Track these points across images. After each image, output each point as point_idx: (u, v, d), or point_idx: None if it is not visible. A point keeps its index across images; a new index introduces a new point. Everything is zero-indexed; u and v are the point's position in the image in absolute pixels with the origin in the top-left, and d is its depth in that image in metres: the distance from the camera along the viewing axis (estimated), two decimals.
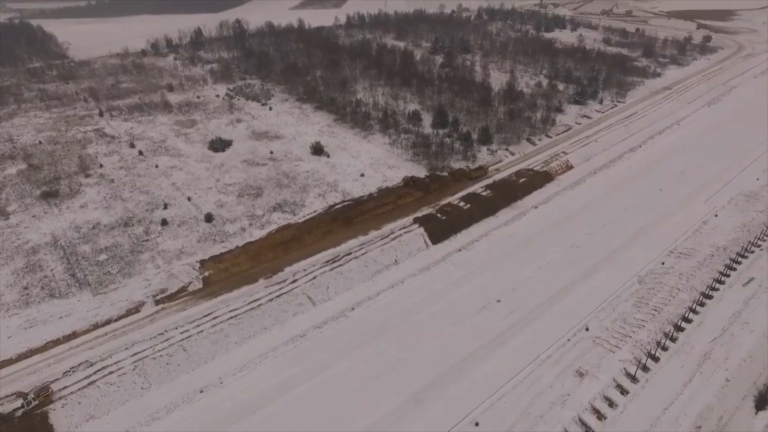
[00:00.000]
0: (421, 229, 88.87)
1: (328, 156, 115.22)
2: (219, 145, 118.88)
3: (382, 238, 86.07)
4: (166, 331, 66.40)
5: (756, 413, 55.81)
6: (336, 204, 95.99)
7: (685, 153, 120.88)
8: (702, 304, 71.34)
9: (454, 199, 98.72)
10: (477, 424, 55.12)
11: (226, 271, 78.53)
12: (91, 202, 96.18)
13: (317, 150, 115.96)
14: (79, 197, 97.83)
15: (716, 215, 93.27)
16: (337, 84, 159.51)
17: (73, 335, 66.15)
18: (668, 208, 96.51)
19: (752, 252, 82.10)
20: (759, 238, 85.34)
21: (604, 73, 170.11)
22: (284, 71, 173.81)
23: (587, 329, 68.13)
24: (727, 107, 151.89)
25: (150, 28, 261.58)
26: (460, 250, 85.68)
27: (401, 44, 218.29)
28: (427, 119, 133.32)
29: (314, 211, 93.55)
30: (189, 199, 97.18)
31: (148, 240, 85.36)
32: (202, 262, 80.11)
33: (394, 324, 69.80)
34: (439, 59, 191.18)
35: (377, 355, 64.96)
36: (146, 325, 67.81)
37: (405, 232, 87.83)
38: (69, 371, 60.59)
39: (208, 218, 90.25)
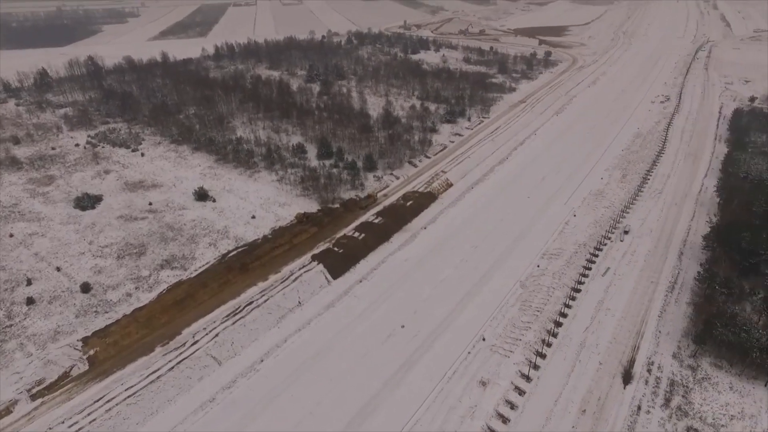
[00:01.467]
0: (321, 266, 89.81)
1: (214, 201, 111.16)
2: (87, 202, 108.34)
3: (282, 281, 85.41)
4: (50, 429, 59.08)
5: (624, 388, 65.54)
6: (229, 252, 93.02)
7: (544, 160, 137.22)
8: (573, 299, 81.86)
9: (348, 230, 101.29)
10: None
11: (116, 345, 72.05)
12: None
13: (201, 195, 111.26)
14: None
15: (574, 215, 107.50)
16: (213, 121, 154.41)
17: None
18: (536, 213, 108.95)
19: (605, 245, 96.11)
20: (609, 231, 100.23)
21: (469, 91, 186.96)
22: (153, 111, 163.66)
23: (484, 339, 74.36)
24: (571, 114, 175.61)
25: None
26: (360, 281, 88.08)
27: (276, 74, 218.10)
28: (311, 151, 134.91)
29: (207, 263, 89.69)
30: (58, 269, 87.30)
31: (11, 325, 75.03)
32: (85, 340, 72.55)
33: (306, 369, 69.63)
34: (316, 87, 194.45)
35: (294, 404, 64.32)
36: (23, 428, 59.65)
37: (305, 272, 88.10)
38: None
39: (85, 288, 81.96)
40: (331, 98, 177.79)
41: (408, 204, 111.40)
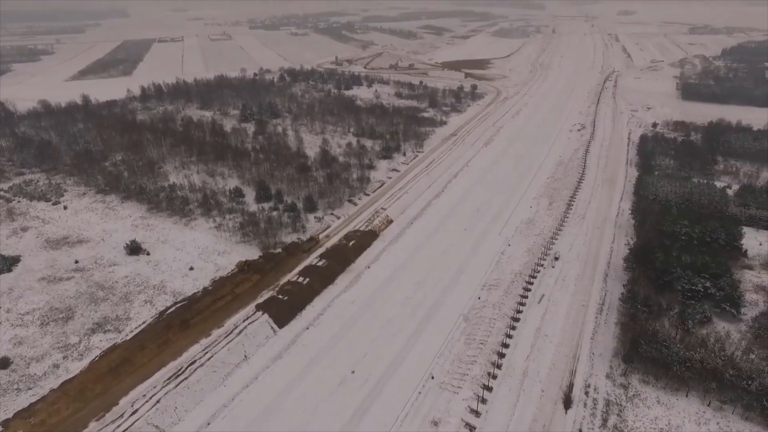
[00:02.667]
0: (265, 316, 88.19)
1: (148, 254, 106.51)
2: (2, 264, 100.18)
3: (226, 336, 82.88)
4: None
5: (566, 413, 69.22)
6: (168, 308, 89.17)
7: (477, 191, 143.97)
8: (513, 328, 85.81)
9: (292, 275, 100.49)
10: None
11: (43, 425, 66.34)
12: None
13: (134, 249, 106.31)
14: None
15: (509, 244, 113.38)
16: (143, 168, 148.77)
17: None
18: (474, 245, 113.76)
19: (539, 272, 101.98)
20: (541, 258, 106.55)
21: (402, 126, 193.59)
22: (75, 160, 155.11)
23: (432, 377, 75.91)
24: (499, 145, 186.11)
25: None
26: (308, 328, 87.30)
27: (208, 114, 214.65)
28: (250, 194, 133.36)
29: (143, 323, 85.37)
30: None
31: None
32: (6, 423, 66.26)
33: (255, 428, 67.56)
34: (250, 127, 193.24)
35: None
36: None
37: (249, 323, 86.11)
38: None
39: (4, 363, 75.29)
40: (266, 138, 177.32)
41: (350, 244, 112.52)
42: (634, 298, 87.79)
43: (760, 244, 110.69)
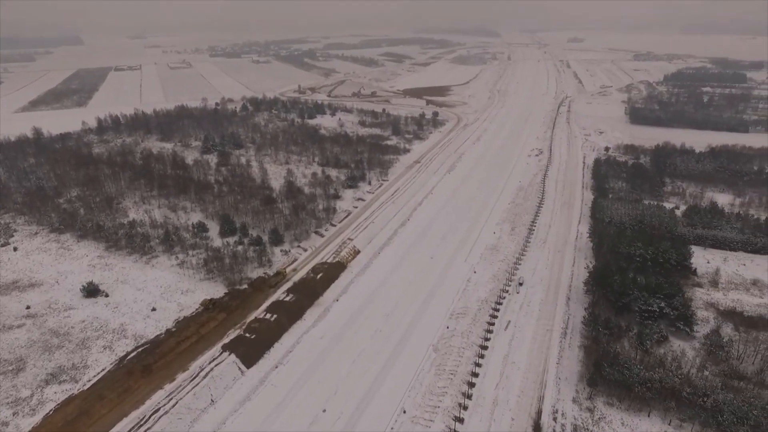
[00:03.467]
0: (232, 356, 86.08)
1: (107, 295, 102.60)
2: None
3: (191, 380, 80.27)
4: None
5: None
6: (128, 353, 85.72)
7: (442, 219, 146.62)
8: (482, 356, 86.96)
9: (259, 312, 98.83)
10: None
11: None
12: None
13: (91, 291, 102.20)
14: None
15: (474, 271, 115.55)
16: (100, 204, 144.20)
17: None
18: (440, 273, 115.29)
19: (504, 298, 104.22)
20: (506, 284, 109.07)
21: (367, 154, 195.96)
22: (26, 197, 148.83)
23: (404, 411, 75.69)
24: (462, 171, 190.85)
25: None
26: (276, 367, 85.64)
27: (168, 146, 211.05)
28: (213, 229, 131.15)
29: (102, 370, 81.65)
30: None
31: None
32: None
33: None
34: (213, 159, 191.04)
35: None
36: None
37: (216, 365, 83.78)
38: None
39: None
40: (230, 170, 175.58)
41: (318, 277, 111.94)
42: (595, 321, 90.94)
43: (708, 262, 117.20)
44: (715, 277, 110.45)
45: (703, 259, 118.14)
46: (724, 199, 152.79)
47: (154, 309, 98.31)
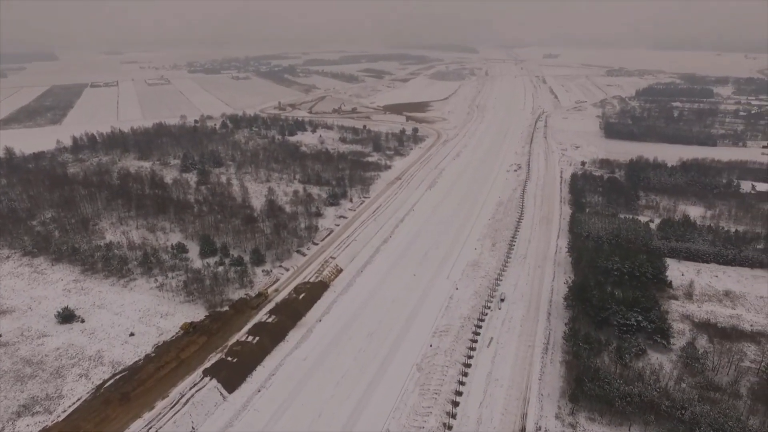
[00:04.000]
0: (214, 381, 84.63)
1: (83, 321, 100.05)
2: None
3: (171, 407, 78.58)
4: None
5: None
6: (106, 381, 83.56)
7: (424, 235, 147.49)
8: (465, 374, 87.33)
9: (241, 335, 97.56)
10: None
11: None
12: None
13: (67, 317, 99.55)
14: None
15: (457, 288, 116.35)
16: (76, 226, 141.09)
17: None
18: (423, 291, 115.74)
19: (486, 315, 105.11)
20: (488, 301, 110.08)
21: (348, 171, 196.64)
22: None
23: None
24: (442, 187, 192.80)
25: None
26: (259, 391, 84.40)
27: (147, 165, 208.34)
28: (194, 249, 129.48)
29: (78, 400, 79.38)
30: None
31: None
32: None
33: None
34: (192, 178, 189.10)
35: None
36: None
37: (197, 390, 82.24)
38: None
39: None
40: (210, 189, 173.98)
41: (301, 297, 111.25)
42: (576, 336, 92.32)
43: (683, 275, 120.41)
44: (689, 290, 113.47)
45: (677, 271, 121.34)
46: (695, 212, 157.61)
47: (132, 334, 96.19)
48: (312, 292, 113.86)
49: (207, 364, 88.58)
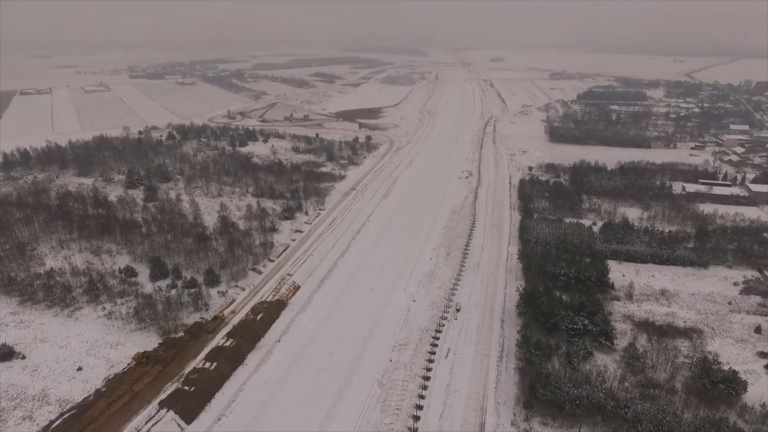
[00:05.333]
0: (171, 413, 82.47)
1: (24, 357, 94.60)
2: None
3: None
4: None
5: None
6: (53, 422, 79.62)
7: (380, 247, 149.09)
8: (425, 387, 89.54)
9: (197, 361, 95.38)
10: None
11: None
12: None
13: (5, 354, 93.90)
14: None
15: (414, 300, 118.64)
16: (11, 252, 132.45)
17: None
18: (381, 304, 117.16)
19: (443, 325, 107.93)
20: (444, 312, 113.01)
21: (302, 183, 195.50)
22: None
23: None
24: (397, 197, 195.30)
25: None
26: (219, 420, 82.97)
27: (88, 182, 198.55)
28: (143, 272, 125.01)
29: None
30: None
31: None
32: None
33: None
34: (139, 195, 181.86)
35: None
36: None
37: (153, 425, 79.95)
38: None
39: None
40: (158, 206, 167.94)
41: (258, 317, 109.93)
42: (528, 342, 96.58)
43: (623, 276, 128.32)
44: (630, 290, 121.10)
45: (619, 272, 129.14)
46: (633, 214, 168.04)
47: (80, 368, 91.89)
48: (270, 311, 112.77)
49: (163, 395, 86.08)
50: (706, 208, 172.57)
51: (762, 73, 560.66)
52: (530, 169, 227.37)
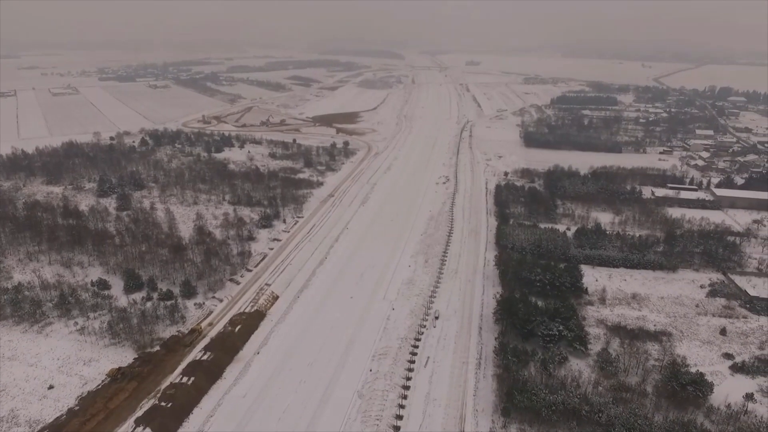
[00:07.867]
0: (148, 430, 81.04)
1: None
2: None
3: None
4: None
5: None
6: None
7: (359, 255, 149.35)
8: (405, 397, 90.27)
9: (174, 376, 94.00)
10: None
11: None
12: None
13: None
14: None
15: (393, 308, 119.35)
16: None
17: None
18: (361, 313, 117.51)
19: (422, 333, 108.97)
20: (423, 319, 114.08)
21: (280, 190, 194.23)
22: None
23: None
24: (375, 203, 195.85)
25: None
26: None
27: (57, 190, 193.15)
28: (117, 285, 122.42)
29: None
30: None
31: None
32: None
33: None
34: (111, 203, 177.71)
35: None
36: None
37: None
38: None
39: None
40: (132, 216, 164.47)
41: (237, 329, 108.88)
42: (505, 349, 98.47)
43: (597, 280, 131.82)
44: (603, 294, 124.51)
45: (592, 277, 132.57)
46: (605, 218, 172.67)
47: (51, 387, 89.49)
48: (248, 323, 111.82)
49: (139, 413, 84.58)
50: (675, 212, 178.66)
51: (725, 79, 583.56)
52: (506, 174, 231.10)
